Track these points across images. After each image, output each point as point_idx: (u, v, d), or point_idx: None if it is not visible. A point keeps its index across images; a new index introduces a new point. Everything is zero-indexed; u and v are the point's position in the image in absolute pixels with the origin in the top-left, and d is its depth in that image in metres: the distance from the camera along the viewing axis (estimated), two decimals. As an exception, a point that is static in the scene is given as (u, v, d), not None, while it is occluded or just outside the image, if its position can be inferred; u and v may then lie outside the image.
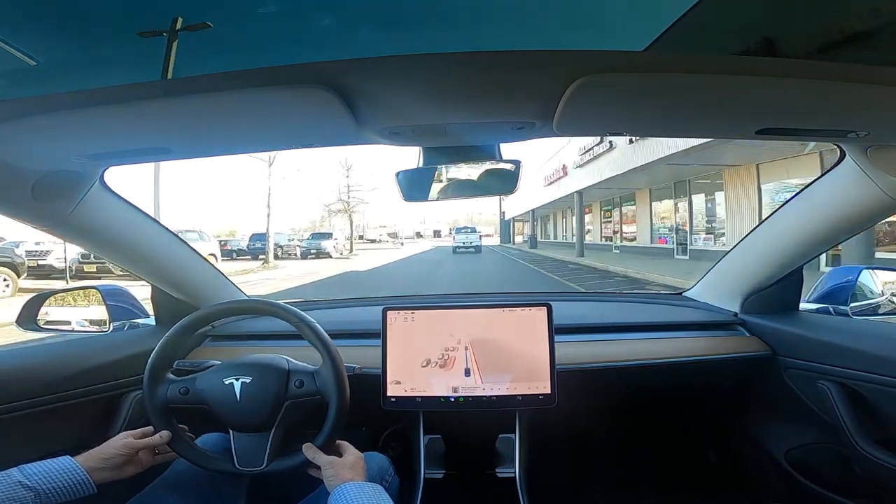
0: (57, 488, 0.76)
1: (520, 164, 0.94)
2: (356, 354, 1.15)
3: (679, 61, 0.54)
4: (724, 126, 0.85)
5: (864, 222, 1.04)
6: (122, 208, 1.09)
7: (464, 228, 25.81)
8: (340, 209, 28.83)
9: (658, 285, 8.64)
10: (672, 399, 1.52)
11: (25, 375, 1.00)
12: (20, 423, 0.97)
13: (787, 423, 1.32)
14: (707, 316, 1.42)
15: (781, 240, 1.21)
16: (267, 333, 1.35)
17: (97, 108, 0.62)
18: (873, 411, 1.07)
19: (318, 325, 0.96)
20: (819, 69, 0.54)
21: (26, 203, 0.89)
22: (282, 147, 0.95)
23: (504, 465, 1.19)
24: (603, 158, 13.75)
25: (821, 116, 0.72)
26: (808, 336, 1.19)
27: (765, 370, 1.28)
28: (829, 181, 1.03)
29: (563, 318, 1.28)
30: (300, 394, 0.92)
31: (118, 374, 1.14)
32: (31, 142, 0.73)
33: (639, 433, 1.63)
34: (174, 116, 0.67)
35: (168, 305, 1.32)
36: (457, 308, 1.16)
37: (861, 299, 1.34)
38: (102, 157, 0.85)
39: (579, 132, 0.91)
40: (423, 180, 0.99)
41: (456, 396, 1.12)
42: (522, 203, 27.76)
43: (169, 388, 0.94)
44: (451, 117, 0.75)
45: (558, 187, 19.01)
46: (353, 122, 0.69)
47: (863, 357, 1.05)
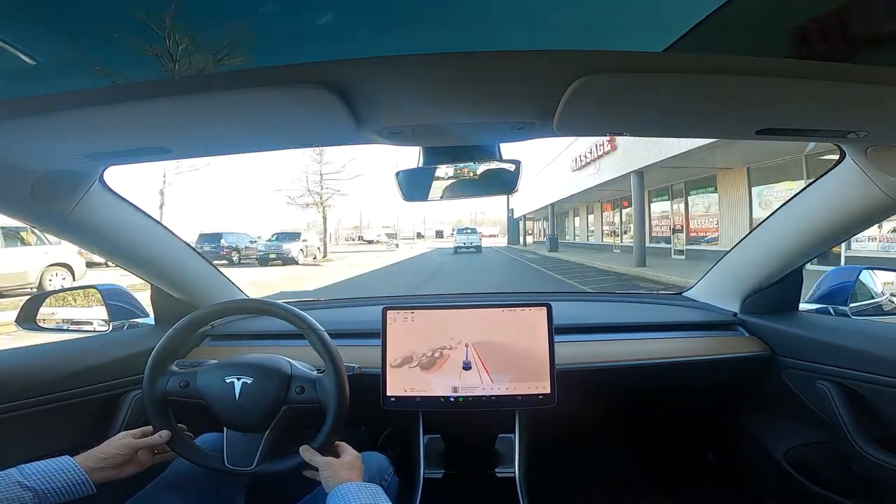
0: (56, 488, 0.76)
1: (520, 163, 0.94)
2: (356, 354, 1.15)
3: (679, 61, 0.54)
4: (723, 126, 0.85)
5: (864, 223, 1.04)
6: (122, 208, 1.09)
7: (465, 229, 26.08)
8: (311, 202, 22.52)
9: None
10: (671, 399, 1.52)
11: (24, 375, 1.00)
12: (19, 423, 0.97)
13: (786, 422, 1.32)
14: (707, 316, 1.42)
15: (781, 240, 1.21)
16: (267, 333, 1.35)
17: (97, 108, 0.62)
18: (872, 411, 1.07)
19: (323, 331, 0.95)
20: (819, 69, 0.54)
21: (26, 202, 0.89)
22: (281, 147, 0.95)
23: (503, 465, 1.19)
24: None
25: (821, 117, 0.72)
26: (807, 336, 1.19)
27: (764, 370, 1.29)
28: (829, 181, 1.03)
29: (563, 318, 1.28)
30: (299, 400, 0.92)
31: (117, 374, 1.14)
32: (31, 141, 0.73)
33: (638, 433, 1.63)
34: (174, 116, 0.67)
35: (168, 305, 1.32)
36: (457, 308, 1.16)
37: (861, 299, 1.35)
38: (102, 156, 0.85)
39: (579, 132, 0.91)
40: (423, 180, 0.99)
41: (455, 396, 1.12)
42: (536, 198, 24.57)
43: (170, 381, 0.94)
44: (450, 117, 0.75)
45: (597, 170, 14.24)
46: (353, 121, 0.69)
47: (862, 357, 1.06)
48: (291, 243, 17.75)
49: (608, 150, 13.22)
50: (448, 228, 71.06)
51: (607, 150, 13.28)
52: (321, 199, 22.54)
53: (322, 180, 22.39)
